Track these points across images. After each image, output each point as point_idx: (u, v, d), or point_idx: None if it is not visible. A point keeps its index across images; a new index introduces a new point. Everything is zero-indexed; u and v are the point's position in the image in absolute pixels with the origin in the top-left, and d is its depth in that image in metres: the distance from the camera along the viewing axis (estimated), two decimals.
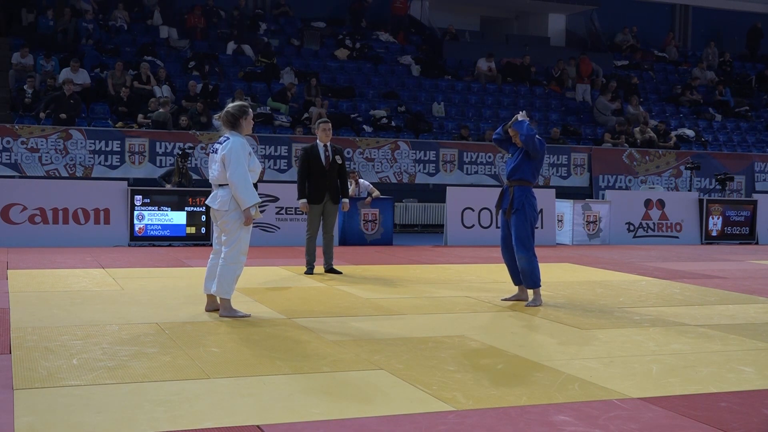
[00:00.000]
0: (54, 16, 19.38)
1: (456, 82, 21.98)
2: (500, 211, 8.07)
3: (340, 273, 9.98)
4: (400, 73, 21.83)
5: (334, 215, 10.12)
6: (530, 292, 8.00)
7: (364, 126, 18.62)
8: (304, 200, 9.95)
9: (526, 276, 7.88)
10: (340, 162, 10.01)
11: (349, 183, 14.17)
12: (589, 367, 5.44)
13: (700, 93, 24.18)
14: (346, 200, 10.29)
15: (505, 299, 8.14)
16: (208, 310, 7.06)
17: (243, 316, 6.89)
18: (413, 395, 4.72)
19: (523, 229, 7.79)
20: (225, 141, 6.82)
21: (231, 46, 20.39)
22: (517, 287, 8.13)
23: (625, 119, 20.97)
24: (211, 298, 7.05)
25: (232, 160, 6.67)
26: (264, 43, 20.83)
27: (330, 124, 10.17)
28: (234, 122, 6.87)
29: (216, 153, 6.83)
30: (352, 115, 18.98)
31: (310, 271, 9.97)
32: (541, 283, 8.02)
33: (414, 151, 17.89)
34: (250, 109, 7.03)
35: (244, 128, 6.90)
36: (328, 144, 9.99)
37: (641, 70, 25.07)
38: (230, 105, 7.00)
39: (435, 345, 6.03)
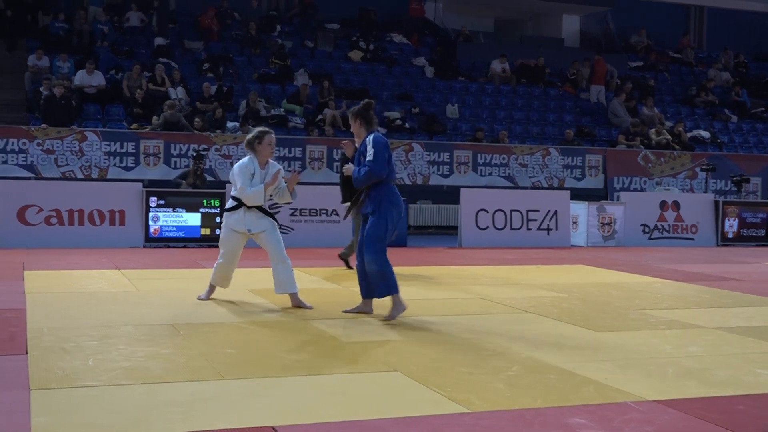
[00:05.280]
0: (66, 18, 19.48)
1: (470, 84, 21.95)
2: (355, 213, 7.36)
3: (351, 268, 10.31)
4: (414, 75, 21.82)
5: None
6: (389, 300, 7.01)
7: (378, 128, 18.60)
8: (348, 204, 10.09)
9: (377, 282, 6.90)
10: None
11: None
12: (604, 370, 5.42)
13: (715, 94, 24.06)
14: None
15: (346, 311, 7.26)
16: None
17: (308, 307, 7.45)
18: (428, 397, 4.71)
19: (375, 229, 6.89)
20: None
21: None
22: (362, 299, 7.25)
23: (639, 121, 20.88)
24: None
25: (232, 180, 7.53)
26: (278, 45, 20.88)
27: None
28: (251, 147, 7.49)
29: None
30: None
31: (344, 256, 10.69)
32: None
33: (428, 153, 17.87)
34: (267, 135, 7.48)
35: (260, 152, 7.45)
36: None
37: (656, 71, 24.95)
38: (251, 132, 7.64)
39: (449, 347, 6.02)
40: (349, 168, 7.10)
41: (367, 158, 6.87)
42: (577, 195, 16.44)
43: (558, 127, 20.89)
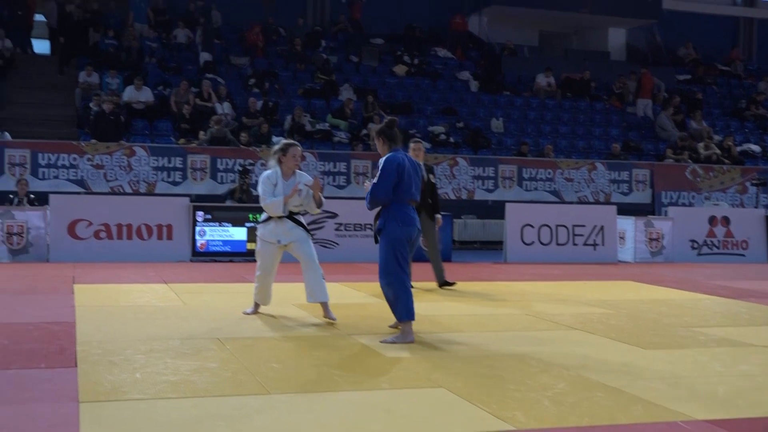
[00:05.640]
0: (115, 35, 19.84)
1: (515, 98, 21.87)
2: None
3: (453, 284, 10.28)
4: (459, 89, 21.81)
5: (434, 231, 10.32)
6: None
7: (423, 142, 18.61)
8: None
9: (393, 306, 6.79)
10: (433, 181, 10.23)
11: None
12: (652, 388, 5.34)
13: (765, 107, 23.67)
14: (439, 216, 10.35)
15: (391, 326, 7.23)
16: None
17: (333, 319, 7.50)
18: (473, 413, 4.68)
19: (385, 252, 6.75)
20: None
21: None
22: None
23: (688, 135, 20.63)
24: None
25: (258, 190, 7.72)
26: (323, 60, 21.02)
27: (421, 144, 10.21)
28: (276, 159, 7.63)
29: None
30: (411, 131, 19.00)
31: (440, 280, 10.43)
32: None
33: (473, 168, 17.83)
34: (292, 147, 7.62)
35: (285, 164, 7.57)
36: (421, 163, 10.10)
37: (704, 84, 24.64)
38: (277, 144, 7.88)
39: (494, 363, 5.97)
40: (368, 186, 6.99)
41: (374, 181, 6.77)
42: (624, 210, 16.26)
43: (604, 142, 20.71)
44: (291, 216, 7.56)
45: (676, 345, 6.88)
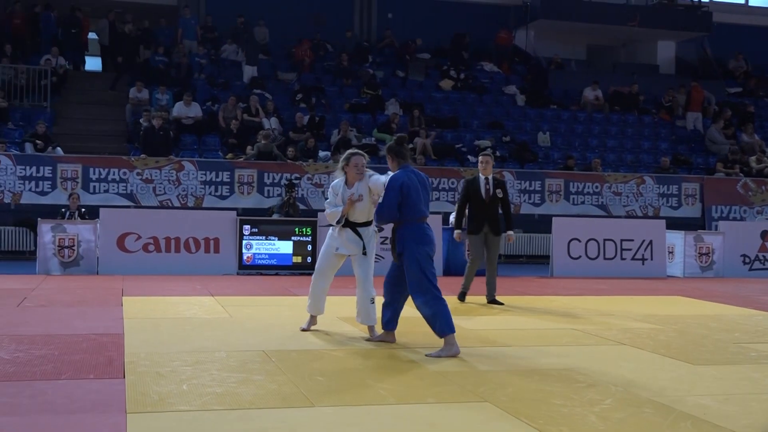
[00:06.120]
0: (165, 52, 20.17)
1: (562, 111, 21.74)
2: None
3: (502, 304, 10.04)
4: (505, 103, 21.74)
5: (496, 247, 10.19)
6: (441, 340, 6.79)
7: (469, 156, 18.59)
8: (458, 231, 10.33)
9: (433, 323, 6.78)
10: (501, 195, 10.09)
11: None
12: (702, 405, 5.25)
13: None
14: (510, 232, 10.18)
15: (368, 339, 7.33)
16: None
17: (376, 339, 7.31)
18: (519, 429, 4.64)
19: (412, 272, 6.84)
20: None
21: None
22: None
23: (739, 148, 20.30)
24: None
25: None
26: (369, 75, 21.11)
27: (489, 157, 10.13)
28: (341, 169, 7.56)
29: None
30: (457, 146, 18.99)
31: (460, 297, 10.24)
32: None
33: (519, 181, 17.75)
34: (354, 156, 7.51)
35: (348, 173, 7.48)
36: (490, 177, 10.08)
37: (756, 97, 24.25)
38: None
39: (541, 378, 5.92)
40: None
41: (379, 201, 7.04)
42: (673, 224, 16.05)
43: (653, 155, 20.47)
44: (353, 228, 7.45)
45: (727, 361, 6.76)
